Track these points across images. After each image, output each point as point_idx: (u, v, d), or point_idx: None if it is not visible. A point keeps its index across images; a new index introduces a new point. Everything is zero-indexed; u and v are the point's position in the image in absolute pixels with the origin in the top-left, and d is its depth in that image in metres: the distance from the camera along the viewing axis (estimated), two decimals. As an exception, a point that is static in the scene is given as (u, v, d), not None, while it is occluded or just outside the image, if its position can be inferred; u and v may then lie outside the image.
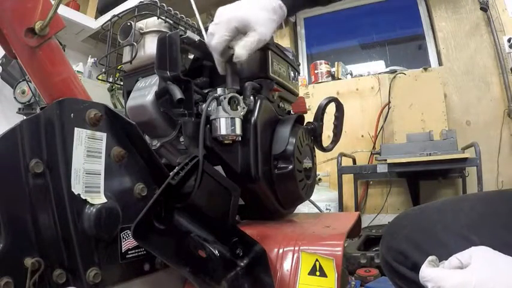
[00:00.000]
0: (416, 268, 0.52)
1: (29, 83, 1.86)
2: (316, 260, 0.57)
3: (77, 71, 2.21)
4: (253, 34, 0.64)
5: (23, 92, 1.97)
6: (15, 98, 1.99)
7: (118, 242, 0.51)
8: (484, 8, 2.38)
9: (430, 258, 0.44)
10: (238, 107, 0.66)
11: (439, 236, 0.53)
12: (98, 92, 2.14)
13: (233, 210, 0.59)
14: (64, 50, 0.55)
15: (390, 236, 0.61)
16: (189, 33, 0.71)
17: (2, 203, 0.42)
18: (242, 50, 0.64)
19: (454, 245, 0.50)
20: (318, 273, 0.57)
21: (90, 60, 2.49)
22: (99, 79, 1.99)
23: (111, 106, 0.75)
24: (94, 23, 2.51)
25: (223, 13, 0.66)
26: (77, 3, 2.59)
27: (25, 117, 0.50)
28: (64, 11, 2.30)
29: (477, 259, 0.40)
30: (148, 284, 0.55)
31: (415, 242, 0.55)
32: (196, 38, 0.72)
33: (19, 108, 2.00)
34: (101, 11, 2.50)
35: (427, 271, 0.42)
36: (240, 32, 0.65)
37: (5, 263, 0.41)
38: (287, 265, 0.60)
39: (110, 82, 1.33)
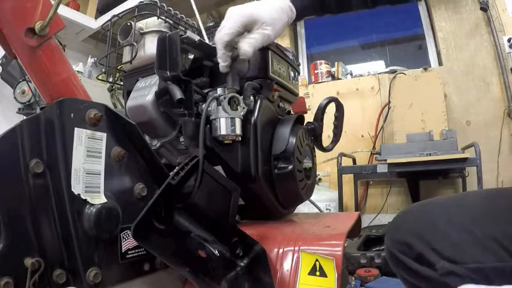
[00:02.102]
0: (420, 259, 0.53)
1: (29, 83, 1.86)
2: (316, 260, 0.57)
3: (77, 71, 2.21)
4: (259, 31, 0.65)
5: (23, 92, 1.97)
6: (15, 98, 1.99)
7: (118, 242, 0.51)
8: (484, 8, 2.37)
9: None
10: (238, 107, 0.66)
11: (443, 228, 0.54)
12: (97, 92, 2.14)
13: (233, 210, 0.59)
14: (64, 50, 0.55)
15: (395, 229, 0.62)
16: (189, 33, 0.71)
17: (2, 203, 0.42)
18: (248, 46, 0.64)
19: (457, 237, 0.51)
20: (318, 273, 0.57)
21: (90, 60, 2.49)
22: (99, 79, 2.00)
23: (111, 106, 0.75)
24: (94, 23, 2.51)
25: (233, 10, 0.66)
26: (77, 3, 2.59)
27: (25, 117, 0.50)
28: (64, 11, 2.31)
29: None
30: (148, 284, 0.55)
31: (419, 234, 0.56)
32: (196, 38, 0.72)
33: (19, 108, 2.01)
34: (101, 11, 2.50)
35: None
36: (247, 28, 0.66)
37: (5, 263, 0.41)
38: (287, 265, 0.60)
39: (110, 82, 1.34)
